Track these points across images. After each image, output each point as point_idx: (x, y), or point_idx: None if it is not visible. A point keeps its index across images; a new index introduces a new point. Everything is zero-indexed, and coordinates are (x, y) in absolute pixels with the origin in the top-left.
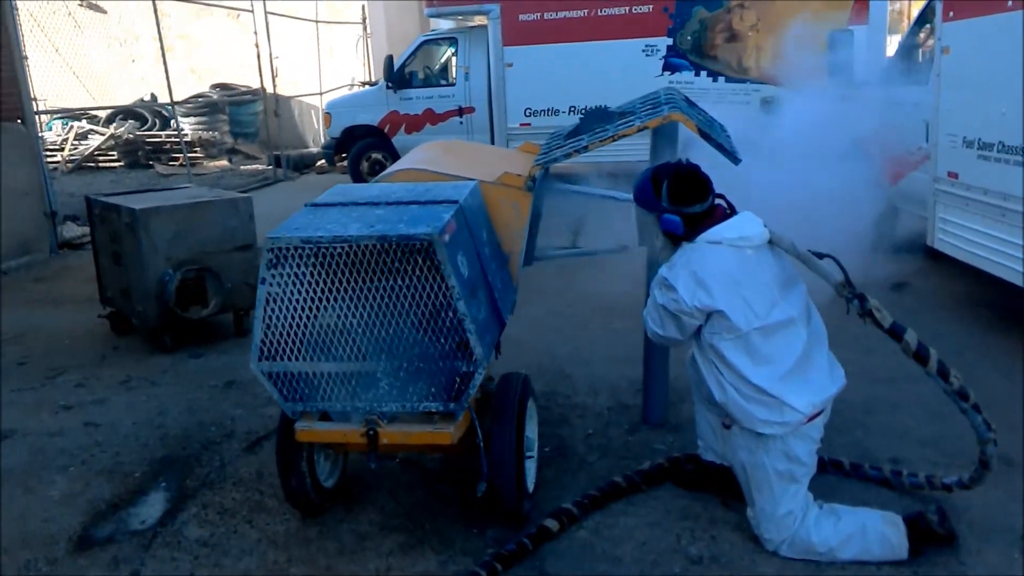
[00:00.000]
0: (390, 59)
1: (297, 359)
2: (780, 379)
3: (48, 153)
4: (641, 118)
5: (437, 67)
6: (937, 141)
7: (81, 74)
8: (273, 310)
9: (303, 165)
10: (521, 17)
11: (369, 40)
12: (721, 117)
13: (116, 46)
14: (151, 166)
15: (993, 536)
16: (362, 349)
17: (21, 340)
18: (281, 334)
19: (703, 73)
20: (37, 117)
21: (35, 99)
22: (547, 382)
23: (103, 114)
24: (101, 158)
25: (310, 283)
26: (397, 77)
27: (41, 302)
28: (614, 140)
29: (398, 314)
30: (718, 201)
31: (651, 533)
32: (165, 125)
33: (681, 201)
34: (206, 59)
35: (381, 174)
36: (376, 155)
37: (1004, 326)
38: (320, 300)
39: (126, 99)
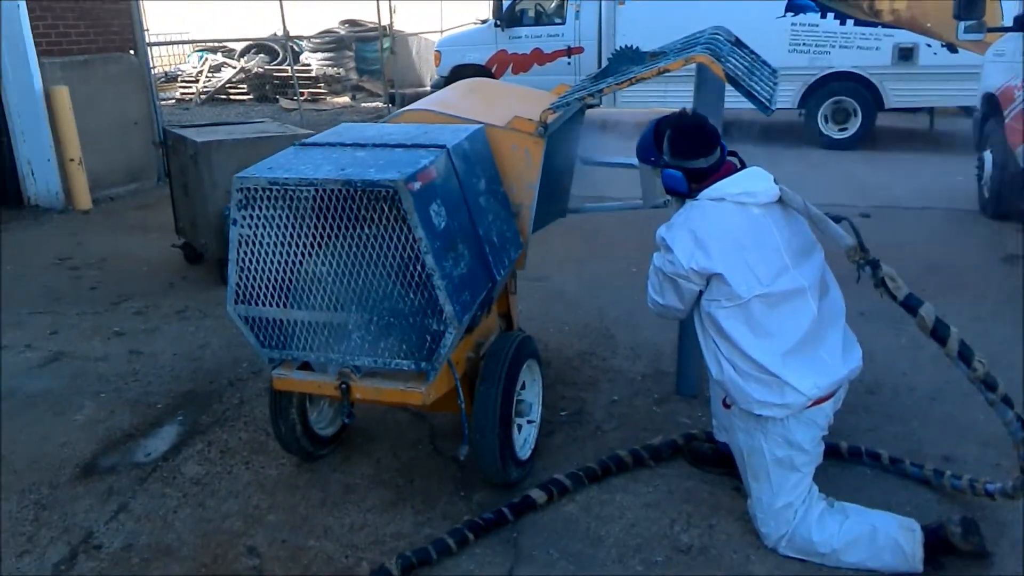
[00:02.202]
0: None
1: (271, 305)
2: (782, 356)
3: (184, 85)
4: (666, 60)
5: (548, 5)
6: None
7: (221, 7)
8: (246, 252)
9: None
10: None
11: None
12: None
13: None
14: (277, 100)
15: None
16: (334, 299)
17: (103, 265)
18: (255, 278)
19: (830, 15)
20: (149, 48)
21: (147, 30)
22: (589, 343)
23: (239, 47)
24: (232, 91)
25: (279, 226)
26: (507, 15)
27: (135, 228)
28: (632, 84)
29: (367, 264)
30: (730, 158)
31: (644, 514)
32: (296, 60)
33: (683, 155)
34: None
35: (392, 114)
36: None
37: None
38: (290, 244)
39: (262, 33)
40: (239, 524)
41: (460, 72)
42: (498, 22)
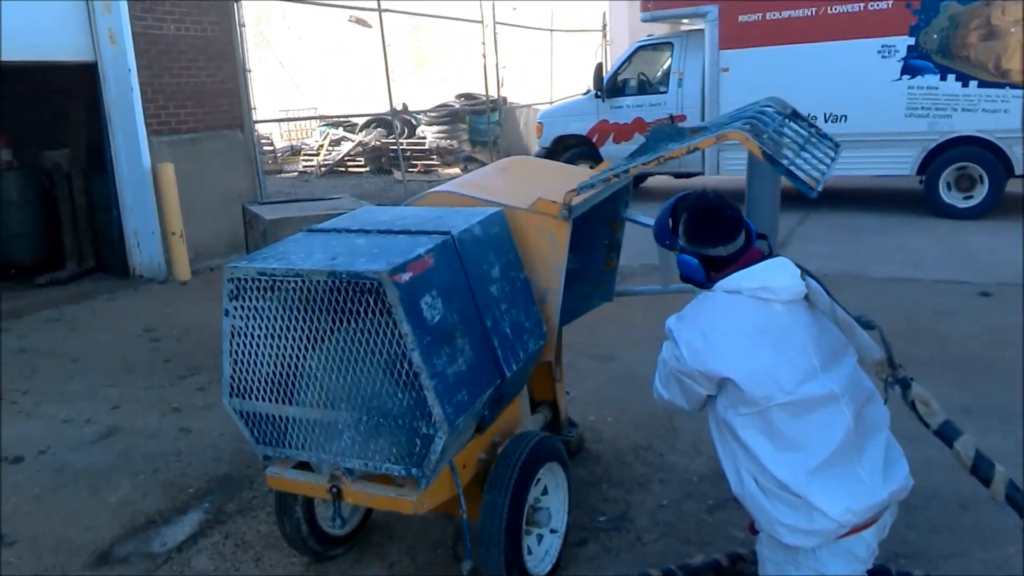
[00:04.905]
0: (600, 67)
1: (265, 400)
2: (809, 473)
3: (307, 158)
4: (702, 136)
5: (650, 74)
6: None
7: (350, 84)
8: (238, 344)
9: None
10: (740, 18)
11: (608, 48)
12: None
13: (375, 58)
14: (391, 172)
15: None
16: (325, 396)
17: (183, 337)
18: (248, 371)
19: (951, 76)
20: (255, 125)
21: (254, 108)
22: (647, 434)
23: (360, 122)
24: (350, 163)
25: (270, 318)
26: (610, 85)
27: None
28: (660, 162)
29: (356, 360)
30: (759, 242)
31: None
32: (412, 133)
33: (699, 241)
34: (457, 69)
35: (416, 195)
36: (584, 165)
37: None
38: (281, 337)
39: (383, 109)
40: None
41: (562, 142)
42: (599, 93)
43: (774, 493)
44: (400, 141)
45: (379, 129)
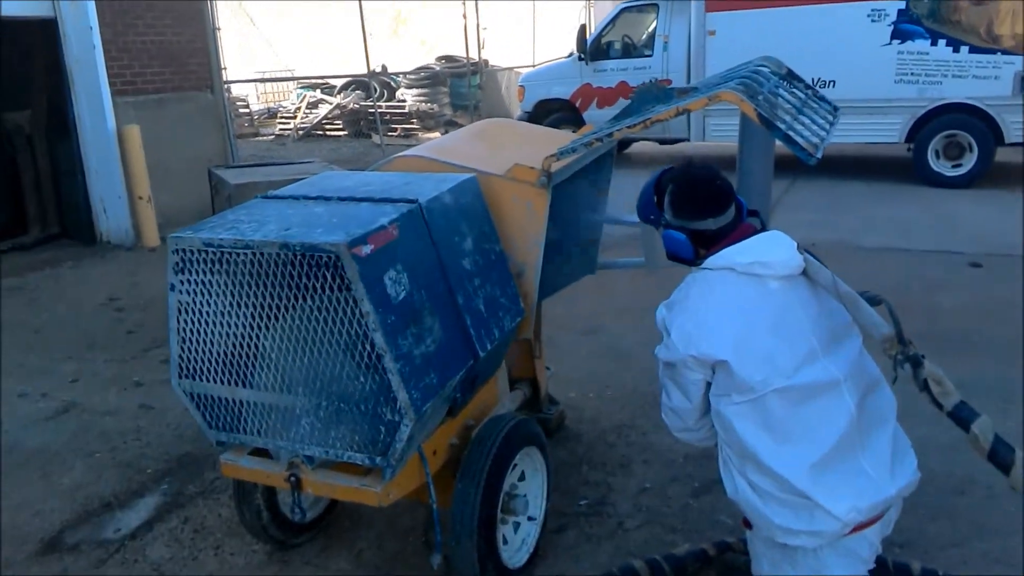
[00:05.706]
0: (583, 29)
1: (217, 381)
2: (811, 467)
3: (283, 121)
4: (692, 97)
5: (635, 37)
6: None
7: (324, 46)
8: (187, 322)
9: None
10: None
11: (592, 10)
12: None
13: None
14: (370, 136)
15: None
16: (280, 378)
17: (148, 307)
18: (198, 351)
19: (941, 42)
20: (225, 86)
21: (224, 68)
22: (631, 412)
23: (339, 84)
24: (328, 127)
25: (219, 293)
26: (593, 48)
27: None
28: (647, 126)
29: (313, 341)
30: (750, 219)
31: None
32: (391, 96)
33: (687, 214)
34: (437, 31)
35: (382, 160)
36: (567, 130)
37: None
38: (232, 314)
39: (359, 70)
40: None
41: (544, 107)
42: (582, 56)
43: (770, 494)
44: (379, 104)
45: (357, 92)
